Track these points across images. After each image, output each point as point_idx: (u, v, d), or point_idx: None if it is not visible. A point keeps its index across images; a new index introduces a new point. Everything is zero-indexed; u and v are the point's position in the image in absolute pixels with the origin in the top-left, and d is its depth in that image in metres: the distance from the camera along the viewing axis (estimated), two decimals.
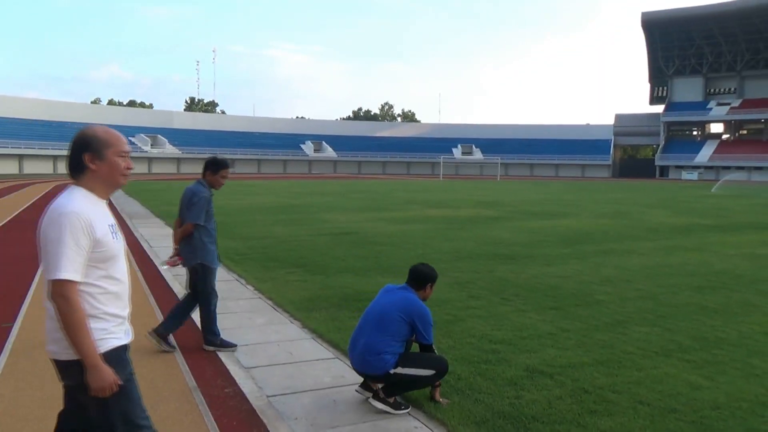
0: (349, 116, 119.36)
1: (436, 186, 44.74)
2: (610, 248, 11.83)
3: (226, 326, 6.08)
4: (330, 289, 7.74)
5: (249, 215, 18.19)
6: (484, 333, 5.80)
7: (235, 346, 5.33)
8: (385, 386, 4.07)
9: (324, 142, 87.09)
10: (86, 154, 2.29)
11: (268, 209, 20.63)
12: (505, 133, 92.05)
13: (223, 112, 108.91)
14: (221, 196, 28.17)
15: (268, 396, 4.27)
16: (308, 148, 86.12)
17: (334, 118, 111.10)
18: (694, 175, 73.85)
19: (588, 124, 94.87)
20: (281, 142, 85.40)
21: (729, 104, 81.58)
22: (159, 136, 76.95)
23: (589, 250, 11.58)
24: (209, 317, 5.34)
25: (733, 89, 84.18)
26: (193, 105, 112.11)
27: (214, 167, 5.33)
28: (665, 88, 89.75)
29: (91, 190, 2.32)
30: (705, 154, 78.49)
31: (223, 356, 5.12)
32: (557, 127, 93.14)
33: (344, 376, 4.65)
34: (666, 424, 3.80)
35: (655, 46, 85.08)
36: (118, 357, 2.30)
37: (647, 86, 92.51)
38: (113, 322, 2.32)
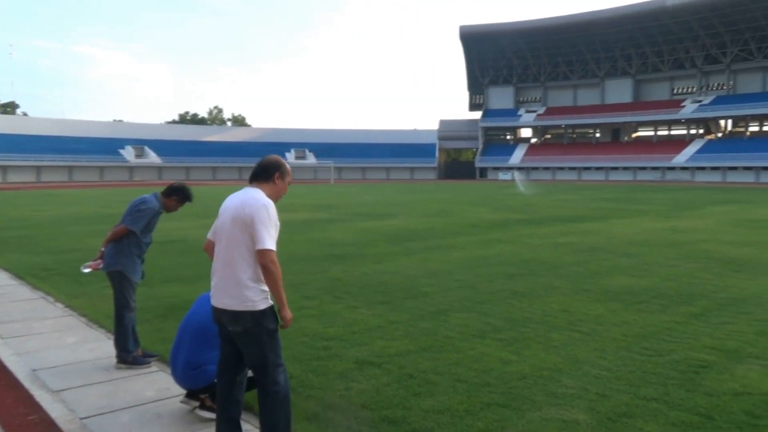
0: (174, 120, 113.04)
1: None
2: (435, 244, 12.59)
3: (29, 349, 5.49)
4: (154, 300, 7.30)
5: (58, 227, 16.48)
6: (317, 331, 5.86)
7: (155, 356, 5.03)
8: (212, 395, 3.93)
9: (146, 147, 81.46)
10: (278, 172, 3.37)
11: (81, 220, 18.87)
12: (338, 137, 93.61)
13: (25, 114, 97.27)
14: (23, 207, 25.16)
15: (81, 419, 3.92)
16: (128, 153, 79.94)
17: (157, 122, 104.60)
18: (508, 176, 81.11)
19: (415, 129, 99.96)
20: (97, 147, 78.29)
21: (536, 111, 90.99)
22: None
23: (416, 246, 12.22)
24: (122, 333, 4.95)
25: (538, 98, 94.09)
26: None
27: (168, 192, 5.12)
28: (482, 96, 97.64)
29: (264, 192, 3.28)
30: (517, 157, 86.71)
31: (27, 381, 4.59)
32: (387, 132, 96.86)
33: (169, 388, 4.41)
34: (480, 397, 4.15)
35: (472, 57, 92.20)
36: (275, 311, 3.25)
37: (467, 94, 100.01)
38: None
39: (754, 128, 75.85)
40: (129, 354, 4.98)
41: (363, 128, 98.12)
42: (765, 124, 74.67)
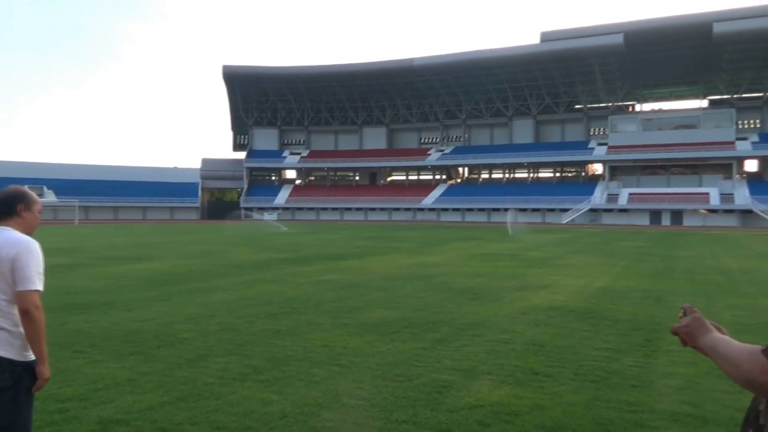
0: None
1: None
2: (195, 287, 12.00)
3: None
4: None
5: None
6: (50, 392, 5.09)
7: None
8: None
9: None
10: (21, 203, 2.94)
11: None
12: (84, 173, 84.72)
13: None
14: None
15: None
16: None
17: None
18: (274, 216, 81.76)
19: (176, 167, 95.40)
20: None
21: (300, 154, 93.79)
22: None
23: (174, 290, 11.51)
24: None
25: (302, 141, 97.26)
26: None
27: None
28: (247, 136, 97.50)
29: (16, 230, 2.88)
30: (282, 197, 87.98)
31: None
32: (144, 169, 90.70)
33: None
34: None
35: (236, 97, 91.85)
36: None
37: (231, 134, 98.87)
38: None
39: (485, 175, 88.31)
40: None
41: (115, 164, 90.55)
42: (493, 172, 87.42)
